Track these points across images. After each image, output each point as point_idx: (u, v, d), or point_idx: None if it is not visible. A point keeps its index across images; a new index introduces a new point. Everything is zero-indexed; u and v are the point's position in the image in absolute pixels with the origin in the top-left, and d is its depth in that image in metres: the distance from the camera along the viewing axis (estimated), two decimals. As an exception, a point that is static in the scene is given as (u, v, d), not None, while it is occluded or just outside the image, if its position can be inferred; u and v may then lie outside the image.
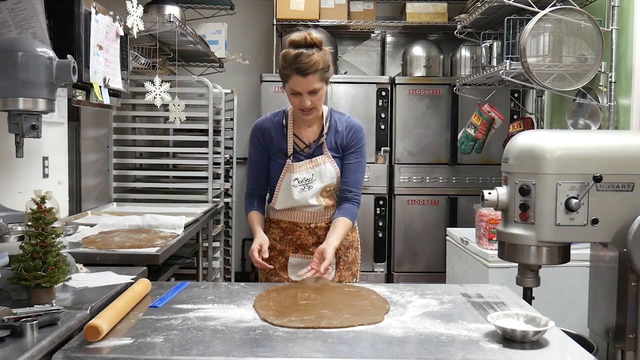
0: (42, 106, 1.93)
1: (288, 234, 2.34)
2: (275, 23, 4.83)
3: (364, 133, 2.37)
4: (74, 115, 3.74)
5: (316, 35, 2.19)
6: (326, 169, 2.27)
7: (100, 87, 2.54)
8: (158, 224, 2.86)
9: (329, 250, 2.11)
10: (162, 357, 1.36)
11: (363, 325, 1.59)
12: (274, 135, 2.31)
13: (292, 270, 2.33)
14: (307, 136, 2.31)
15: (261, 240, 2.20)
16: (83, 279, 1.90)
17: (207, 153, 4.19)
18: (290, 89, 2.19)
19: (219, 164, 4.40)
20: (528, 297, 2.11)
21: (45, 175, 2.83)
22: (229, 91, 4.69)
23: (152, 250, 2.35)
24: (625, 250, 1.96)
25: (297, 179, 2.26)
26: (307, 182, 2.27)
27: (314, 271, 2.06)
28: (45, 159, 2.84)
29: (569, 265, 2.15)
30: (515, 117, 4.40)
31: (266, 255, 2.15)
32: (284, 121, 2.32)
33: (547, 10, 2.96)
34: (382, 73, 5.30)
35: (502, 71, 3.27)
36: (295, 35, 2.18)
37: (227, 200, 4.70)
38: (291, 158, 2.27)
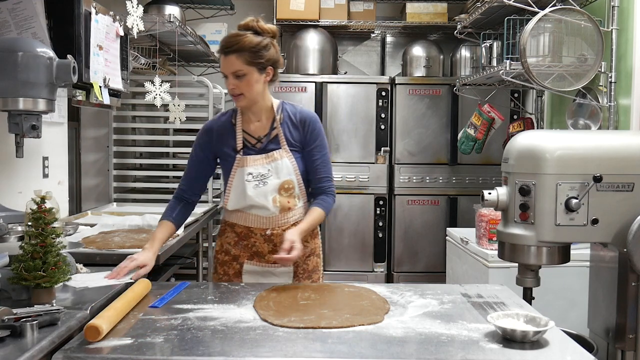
0: (42, 106, 1.93)
1: (243, 240, 2.21)
2: (275, 23, 4.80)
3: (319, 123, 2.25)
4: (74, 115, 3.74)
5: (266, 24, 2.12)
6: (283, 164, 2.15)
7: (100, 87, 2.54)
8: (158, 224, 2.86)
9: (292, 230, 2.04)
10: (162, 357, 1.36)
11: (363, 325, 1.59)
12: (222, 134, 2.21)
13: (247, 278, 2.21)
14: (257, 131, 2.20)
15: (144, 257, 2.02)
16: (83, 279, 1.90)
17: (207, 153, 4.18)
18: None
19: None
20: (528, 297, 2.11)
21: (45, 175, 2.84)
22: (228, 91, 4.68)
23: (152, 250, 2.34)
24: (625, 250, 1.96)
25: (250, 173, 2.14)
26: (263, 177, 2.14)
27: (280, 256, 1.95)
28: (45, 159, 2.84)
29: (569, 265, 2.15)
30: (515, 117, 4.40)
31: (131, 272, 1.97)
32: (233, 119, 2.22)
33: (547, 10, 2.96)
34: (382, 73, 5.29)
35: (502, 71, 3.27)
36: (243, 21, 2.12)
37: (227, 200, 4.68)
38: (241, 153, 2.17)
